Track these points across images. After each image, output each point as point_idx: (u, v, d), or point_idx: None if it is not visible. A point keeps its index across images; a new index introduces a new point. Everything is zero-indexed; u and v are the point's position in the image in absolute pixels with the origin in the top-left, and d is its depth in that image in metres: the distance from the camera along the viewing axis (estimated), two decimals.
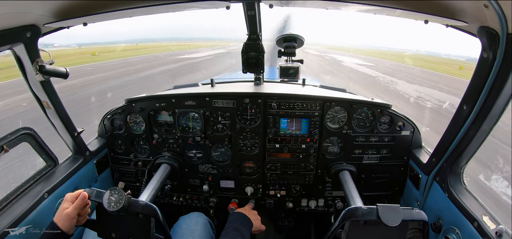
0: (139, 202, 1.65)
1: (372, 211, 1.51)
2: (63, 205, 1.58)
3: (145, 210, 1.65)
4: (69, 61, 26.64)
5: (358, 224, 1.55)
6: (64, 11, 1.62)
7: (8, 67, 16.35)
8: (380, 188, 2.69)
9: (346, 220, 1.56)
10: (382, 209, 1.49)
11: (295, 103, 2.45)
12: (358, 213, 1.54)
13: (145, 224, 1.67)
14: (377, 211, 1.49)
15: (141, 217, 1.65)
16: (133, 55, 35.32)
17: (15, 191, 1.89)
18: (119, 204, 1.54)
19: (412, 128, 2.49)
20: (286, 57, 2.40)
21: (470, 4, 1.36)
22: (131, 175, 2.81)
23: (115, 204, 1.54)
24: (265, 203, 2.84)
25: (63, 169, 2.24)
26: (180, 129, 2.60)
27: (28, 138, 1.96)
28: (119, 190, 1.57)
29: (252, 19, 2.05)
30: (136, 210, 1.63)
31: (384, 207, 1.50)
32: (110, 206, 1.54)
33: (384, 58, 40.10)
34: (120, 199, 1.55)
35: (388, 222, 1.45)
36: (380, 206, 1.50)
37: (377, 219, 1.48)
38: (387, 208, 1.49)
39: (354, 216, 1.55)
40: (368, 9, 1.63)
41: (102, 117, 2.67)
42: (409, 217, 1.50)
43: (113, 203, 1.55)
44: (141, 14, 1.88)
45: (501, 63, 1.39)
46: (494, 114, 1.57)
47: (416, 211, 1.53)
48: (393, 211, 1.48)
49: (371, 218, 1.51)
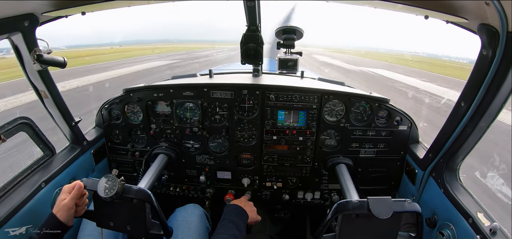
0: (133, 187, 1.66)
1: (363, 204, 1.52)
2: (61, 197, 1.60)
3: (139, 195, 1.65)
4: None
5: (350, 217, 1.57)
6: (63, 0, 1.60)
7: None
8: (376, 182, 2.71)
9: (338, 213, 1.58)
10: (373, 202, 1.50)
11: (293, 95, 2.45)
12: (349, 207, 1.55)
13: (141, 211, 1.68)
14: (367, 204, 1.50)
15: (136, 202, 1.66)
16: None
17: (12, 180, 1.89)
18: (113, 190, 1.55)
19: (410, 123, 2.50)
20: (285, 49, 2.39)
21: (471, 1, 1.34)
22: (128, 165, 2.82)
23: (109, 191, 1.56)
24: (262, 194, 2.86)
25: (60, 158, 2.24)
26: (178, 120, 2.60)
27: (25, 127, 1.95)
28: (112, 176, 1.59)
29: (252, 10, 2.03)
30: (130, 195, 1.64)
31: (374, 200, 1.50)
32: (104, 192, 1.56)
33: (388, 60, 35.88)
34: (113, 186, 1.56)
35: (379, 215, 1.46)
36: (371, 199, 1.51)
37: (368, 212, 1.49)
38: (378, 200, 1.50)
39: (345, 209, 1.56)
40: (369, 3, 1.62)
41: (99, 107, 2.67)
42: (401, 209, 1.50)
43: (107, 190, 1.56)
44: (140, 4, 1.86)
45: (500, 61, 1.39)
46: (491, 112, 1.57)
47: (408, 203, 1.53)
48: (384, 203, 1.49)
49: (362, 212, 1.52)
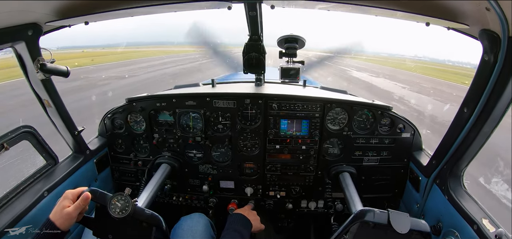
0: (145, 211, 1.64)
1: (384, 216, 1.53)
2: (63, 203, 1.50)
3: (150, 220, 1.63)
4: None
5: (368, 226, 1.56)
6: (66, 10, 1.62)
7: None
8: (380, 190, 2.68)
9: (357, 220, 1.58)
10: (393, 215, 1.52)
11: (296, 104, 2.45)
12: (370, 215, 1.56)
13: (146, 232, 1.65)
14: (388, 216, 1.51)
15: (145, 225, 1.63)
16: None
17: (15, 189, 1.89)
18: (125, 211, 1.52)
19: (413, 130, 2.48)
20: (287, 58, 2.40)
21: (472, 7, 1.35)
22: (131, 174, 2.81)
23: (121, 211, 1.52)
24: (265, 204, 2.83)
25: (63, 167, 2.23)
26: (181, 129, 2.60)
27: (28, 136, 1.96)
28: (126, 196, 1.55)
29: (254, 19, 2.05)
30: (141, 218, 1.61)
31: (395, 213, 1.52)
32: (115, 212, 1.52)
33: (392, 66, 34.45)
34: (126, 206, 1.53)
35: (398, 229, 1.48)
36: (391, 211, 1.53)
37: (387, 223, 1.50)
38: (398, 214, 1.52)
39: (367, 217, 1.56)
40: (369, 10, 1.63)
41: (102, 116, 2.68)
42: (415, 227, 1.52)
43: (119, 209, 1.52)
44: (142, 14, 1.89)
45: (502, 66, 1.39)
46: (495, 117, 1.57)
47: (422, 223, 1.56)
48: (403, 218, 1.51)
49: (382, 222, 1.53)
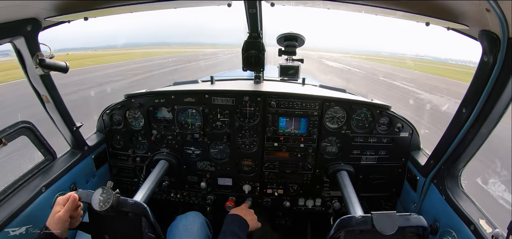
0: (128, 201, 1.64)
1: (367, 220, 1.47)
2: (55, 209, 1.56)
3: (135, 209, 1.63)
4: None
5: (354, 232, 1.53)
6: (65, 5, 1.61)
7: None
8: (377, 189, 2.69)
9: (341, 230, 1.53)
10: (377, 217, 1.44)
11: (295, 102, 2.45)
12: (352, 223, 1.52)
13: (137, 224, 1.66)
14: (371, 220, 1.45)
15: (131, 216, 1.64)
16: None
17: (12, 184, 1.88)
18: (107, 203, 1.53)
19: (411, 130, 2.49)
20: (287, 56, 2.40)
21: (472, 8, 1.35)
22: (129, 171, 2.81)
23: (104, 204, 1.53)
24: (262, 201, 2.84)
25: (61, 163, 2.23)
26: (179, 126, 2.60)
27: (26, 131, 1.95)
28: (107, 189, 1.56)
29: (253, 17, 2.05)
30: (126, 209, 1.62)
31: (379, 215, 1.45)
32: (99, 205, 1.53)
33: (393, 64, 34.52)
34: (108, 199, 1.54)
35: (383, 231, 1.41)
36: (375, 214, 1.46)
37: (372, 228, 1.45)
38: (383, 216, 1.45)
39: (349, 226, 1.52)
40: (369, 10, 1.63)
41: (101, 112, 2.67)
42: (406, 224, 1.47)
43: (102, 202, 1.53)
44: (142, 10, 1.88)
45: (501, 67, 1.39)
46: (493, 118, 1.57)
47: (414, 217, 1.49)
48: (389, 218, 1.44)
49: (366, 228, 1.48)
